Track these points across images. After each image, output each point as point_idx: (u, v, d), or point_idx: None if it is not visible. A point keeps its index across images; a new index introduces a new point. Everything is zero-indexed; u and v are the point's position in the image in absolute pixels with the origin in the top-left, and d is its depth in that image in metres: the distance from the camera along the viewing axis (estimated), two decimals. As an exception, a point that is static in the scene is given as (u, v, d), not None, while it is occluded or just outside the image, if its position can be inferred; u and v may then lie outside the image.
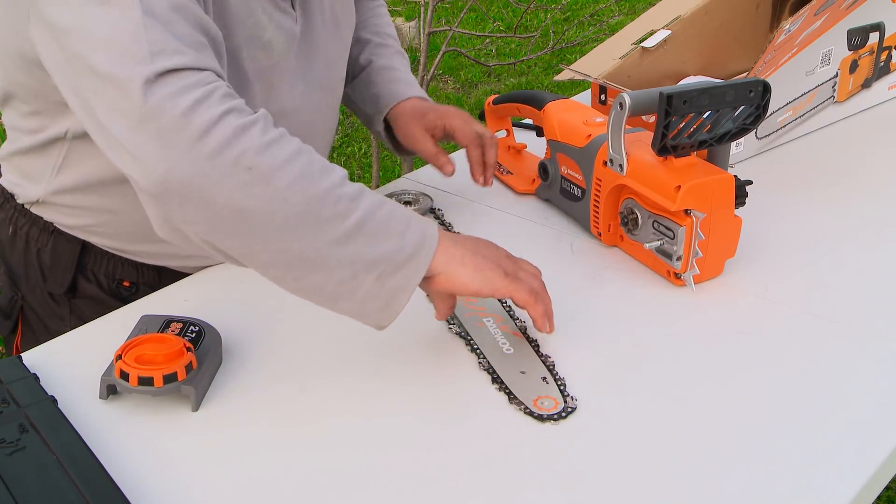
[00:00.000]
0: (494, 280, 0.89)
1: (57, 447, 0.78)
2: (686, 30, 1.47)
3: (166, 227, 0.84)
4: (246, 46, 0.98)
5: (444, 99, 4.36)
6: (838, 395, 0.88)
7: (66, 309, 1.13)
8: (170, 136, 0.78)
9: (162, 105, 0.79)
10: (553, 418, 0.85)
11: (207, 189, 0.79)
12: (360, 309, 0.87)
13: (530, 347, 0.96)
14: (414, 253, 0.85)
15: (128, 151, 0.80)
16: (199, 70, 0.82)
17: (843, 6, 1.34)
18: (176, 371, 0.86)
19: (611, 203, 1.12)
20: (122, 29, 0.81)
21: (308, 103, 1.11)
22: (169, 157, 0.79)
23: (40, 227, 1.11)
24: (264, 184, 0.80)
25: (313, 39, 1.09)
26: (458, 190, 1.33)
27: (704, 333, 0.98)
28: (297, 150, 0.83)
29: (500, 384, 0.90)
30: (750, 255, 1.10)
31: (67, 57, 0.84)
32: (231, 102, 0.82)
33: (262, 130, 0.82)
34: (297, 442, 0.84)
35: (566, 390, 0.89)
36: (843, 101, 1.50)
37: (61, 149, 1.03)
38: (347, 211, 0.83)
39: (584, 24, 4.69)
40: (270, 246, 0.82)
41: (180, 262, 1.13)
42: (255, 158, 0.80)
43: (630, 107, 1.02)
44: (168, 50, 0.81)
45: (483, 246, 0.92)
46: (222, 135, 0.79)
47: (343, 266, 0.83)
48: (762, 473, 0.78)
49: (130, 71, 0.79)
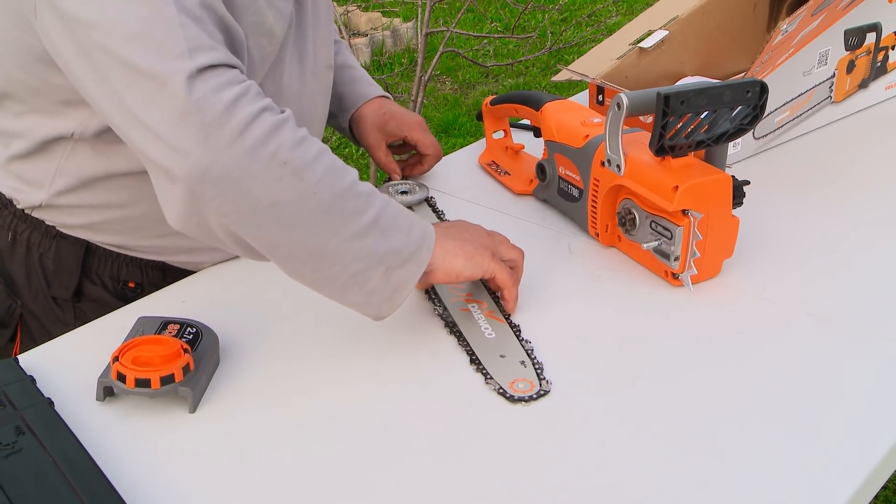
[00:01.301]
0: (483, 263, 0.97)
1: (53, 449, 0.78)
2: (683, 30, 1.47)
3: (193, 219, 0.86)
4: (252, 34, 0.99)
5: (443, 100, 4.37)
6: (835, 394, 0.88)
7: (70, 314, 1.12)
8: (213, 129, 0.81)
9: (206, 99, 0.81)
10: (525, 400, 0.88)
11: (245, 182, 0.82)
12: (366, 300, 0.91)
13: (512, 333, 0.98)
14: (417, 249, 0.91)
15: (167, 144, 0.82)
16: (232, 67, 0.85)
17: (840, 6, 1.34)
18: (173, 373, 0.86)
19: (608, 203, 1.12)
20: (156, 24, 0.82)
21: (304, 88, 1.12)
22: (213, 151, 0.81)
23: (42, 232, 1.10)
24: (297, 178, 0.84)
25: (304, 23, 1.11)
26: (455, 190, 1.33)
27: (701, 333, 0.98)
28: (321, 147, 0.88)
29: (478, 365, 0.93)
30: (747, 256, 1.10)
31: (88, 50, 0.84)
32: (264, 101, 0.85)
33: (293, 128, 0.86)
34: (294, 443, 0.84)
35: (542, 374, 0.91)
36: (841, 101, 1.50)
37: (65, 149, 1.03)
38: (365, 206, 0.88)
39: (581, 25, 4.70)
40: (295, 237, 0.86)
41: (186, 258, 1.13)
42: (289, 154, 0.84)
43: (627, 107, 1.01)
44: (204, 46, 0.83)
45: (466, 230, 0.99)
46: (261, 130, 0.83)
47: (358, 259, 0.88)
48: (755, 473, 0.78)
49: (171, 66, 0.81)
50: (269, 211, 0.84)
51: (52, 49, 0.89)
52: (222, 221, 0.85)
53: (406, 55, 4.87)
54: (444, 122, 4.07)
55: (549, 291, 1.06)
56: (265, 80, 1.04)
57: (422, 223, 0.93)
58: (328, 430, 0.86)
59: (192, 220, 0.86)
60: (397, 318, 1.00)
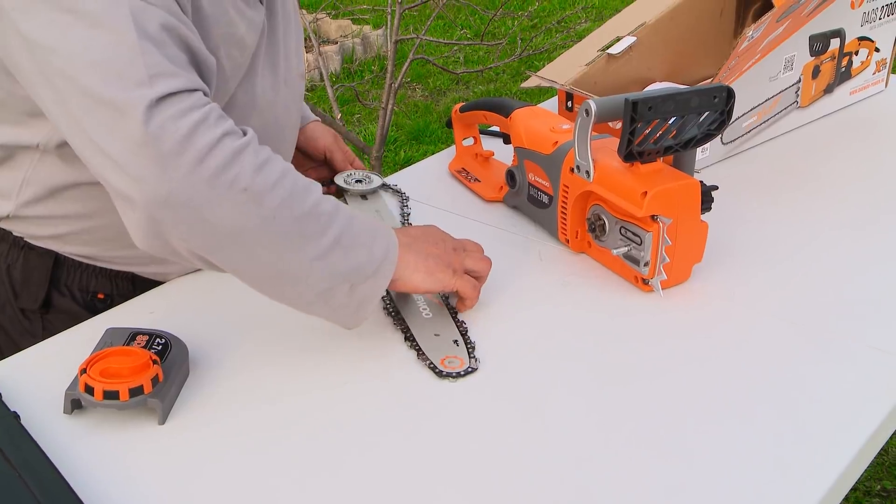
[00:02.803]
0: (444, 280, 0.98)
1: (19, 464, 0.77)
2: (651, 36, 1.48)
3: (156, 242, 0.86)
4: (223, 45, 0.98)
5: (413, 107, 4.37)
6: (804, 397, 0.89)
7: (38, 325, 1.11)
8: (171, 159, 0.81)
9: (164, 128, 0.81)
10: (452, 376, 0.92)
11: (205, 209, 0.82)
12: (332, 314, 0.93)
13: (449, 314, 1.02)
14: (380, 264, 0.92)
15: (126, 172, 0.82)
16: (193, 91, 0.85)
17: (805, 13, 1.36)
18: (142, 384, 0.85)
19: (578, 210, 1.12)
20: (117, 52, 0.82)
21: (277, 97, 1.12)
22: (170, 180, 0.81)
23: (10, 243, 1.09)
24: (258, 204, 0.84)
25: (276, 32, 1.10)
26: (425, 198, 1.32)
27: (670, 336, 0.98)
28: (284, 169, 0.87)
29: (411, 342, 0.97)
30: (717, 260, 1.11)
31: (49, 75, 0.84)
32: (226, 125, 0.85)
33: (255, 152, 0.85)
34: (264, 452, 0.84)
35: (474, 353, 0.95)
36: (807, 105, 1.51)
37: (31, 159, 1.02)
38: (327, 227, 0.88)
39: (551, 31, 4.71)
40: (257, 260, 0.87)
41: (157, 268, 1.12)
42: (249, 180, 0.84)
43: (596, 113, 1.02)
44: (165, 73, 0.83)
45: (433, 243, 0.99)
46: (221, 158, 0.82)
47: (322, 279, 0.89)
48: (723, 473, 0.79)
49: (130, 94, 0.81)
50: (229, 236, 0.84)
51: (12, 67, 0.89)
52: (186, 245, 0.85)
53: (376, 62, 4.87)
54: (415, 129, 4.08)
55: (519, 297, 1.06)
56: (238, 91, 1.04)
57: (385, 235, 0.94)
58: (299, 439, 0.85)
59: (156, 243, 0.86)
60: (367, 329, 1.00)
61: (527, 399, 0.90)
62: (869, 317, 1.01)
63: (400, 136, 4.01)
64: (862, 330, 0.98)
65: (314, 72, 4.32)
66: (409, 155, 3.80)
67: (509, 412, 0.88)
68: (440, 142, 3.93)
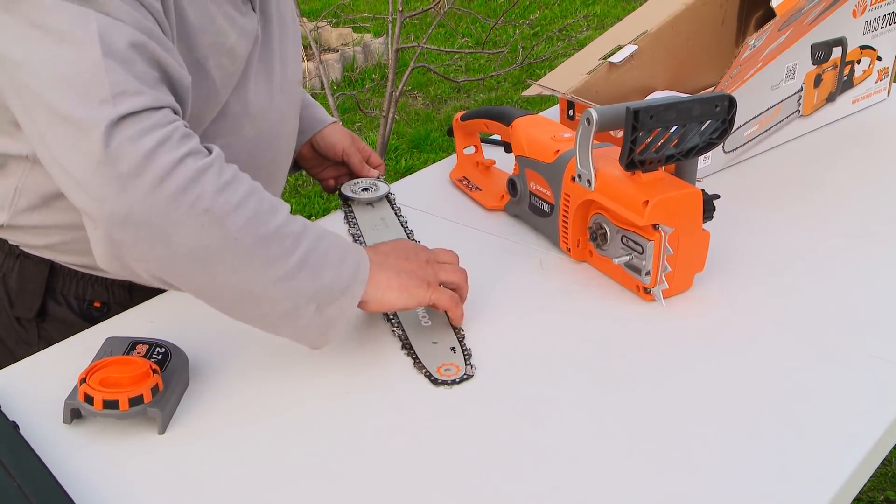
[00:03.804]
0: (418, 295, 0.95)
1: (18, 474, 0.77)
2: (653, 45, 1.48)
3: (116, 262, 0.86)
4: (212, 55, 0.98)
5: (414, 116, 4.37)
6: (807, 406, 0.88)
7: (34, 334, 1.11)
8: (130, 179, 0.80)
9: (123, 149, 0.80)
10: (447, 383, 0.92)
11: (165, 230, 0.82)
12: (299, 335, 0.91)
13: (448, 322, 1.02)
14: (349, 284, 0.90)
15: (86, 191, 0.82)
16: (158, 109, 0.84)
17: (807, 22, 1.36)
18: (142, 393, 0.85)
19: (579, 218, 1.12)
20: (81, 69, 0.82)
21: (272, 105, 1.11)
22: (130, 200, 0.81)
23: (5, 252, 1.09)
24: (219, 225, 0.83)
25: (270, 40, 1.10)
26: (426, 206, 1.32)
27: (672, 345, 0.98)
28: (248, 190, 0.86)
29: (408, 350, 0.97)
30: (719, 269, 1.11)
31: (17, 90, 0.84)
32: (189, 144, 0.84)
33: (218, 172, 0.84)
34: (264, 463, 0.83)
35: (470, 360, 0.95)
36: (809, 114, 1.51)
37: (23, 169, 1.01)
38: (292, 248, 0.87)
39: (552, 40, 4.72)
40: (218, 281, 0.86)
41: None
42: (211, 201, 0.83)
43: (597, 122, 1.02)
44: (129, 91, 0.82)
45: (406, 259, 0.97)
46: (182, 178, 0.82)
47: (286, 299, 0.87)
48: (724, 482, 0.79)
49: (91, 113, 0.80)
50: (190, 257, 0.84)
51: None
52: (144, 266, 0.85)
53: (377, 71, 4.87)
54: (416, 137, 4.08)
55: (520, 306, 1.06)
56: (230, 99, 1.03)
57: (356, 254, 0.92)
58: (299, 448, 0.85)
59: (115, 263, 0.86)
60: (366, 337, 0.99)
61: (527, 407, 0.89)
62: (872, 326, 1.01)
63: (401, 145, 4.01)
64: (864, 339, 0.98)
65: (315, 80, 4.33)
66: (409, 163, 3.80)
67: (508, 420, 0.88)
68: (441, 150, 3.93)
